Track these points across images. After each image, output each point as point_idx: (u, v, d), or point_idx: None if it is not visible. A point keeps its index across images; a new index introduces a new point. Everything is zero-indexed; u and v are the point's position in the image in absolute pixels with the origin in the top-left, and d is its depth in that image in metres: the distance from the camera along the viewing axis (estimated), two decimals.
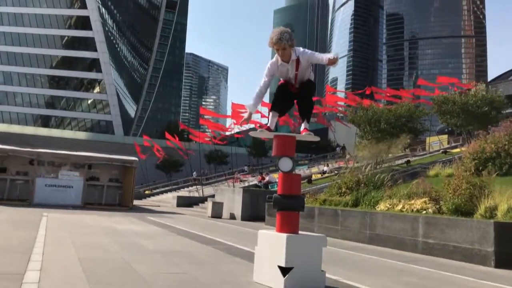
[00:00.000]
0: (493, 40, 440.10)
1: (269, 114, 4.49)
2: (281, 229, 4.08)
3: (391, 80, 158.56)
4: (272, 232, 4.20)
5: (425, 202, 9.04)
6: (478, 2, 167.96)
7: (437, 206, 8.65)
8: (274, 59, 4.25)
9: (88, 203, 19.13)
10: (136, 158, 20.76)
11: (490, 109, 23.11)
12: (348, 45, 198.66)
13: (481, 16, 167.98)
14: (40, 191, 18.02)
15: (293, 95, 4.30)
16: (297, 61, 4.14)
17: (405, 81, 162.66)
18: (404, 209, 9.09)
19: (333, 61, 3.95)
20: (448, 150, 26.15)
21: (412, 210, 8.89)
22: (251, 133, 4.68)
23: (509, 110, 25.81)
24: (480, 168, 11.80)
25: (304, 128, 4.38)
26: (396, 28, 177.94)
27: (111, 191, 20.93)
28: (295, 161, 4.45)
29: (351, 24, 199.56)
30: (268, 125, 4.42)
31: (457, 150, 25.42)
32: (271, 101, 4.40)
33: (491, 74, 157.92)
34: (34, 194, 17.92)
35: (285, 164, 4.23)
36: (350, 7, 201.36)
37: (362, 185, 11.16)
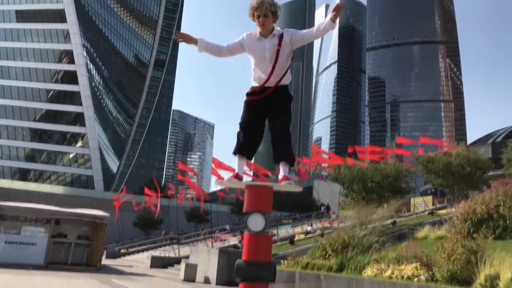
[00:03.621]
0: (470, 107, 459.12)
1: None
2: None
3: (374, 141, 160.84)
4: None
5: (416, 267, 8.19)
6: (455, 69, 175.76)
7: (430, 273, 7.79)
8: (252, 31, 3.51)
9: (53, 263, 17.55)
10: (107, 214, 19.46)
11: (474, 169, 22.83)
12: (332, 107, 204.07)
13: (458, 82, 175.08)
14: None
15: (264, 114, 3.50)
16: (280, 36, 3.39)
17: (387, 142, 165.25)
18: (394, 275, 8.19)
19: (338, 9, 3.21)
20: (434, 211, 25.48)
21: (402, 277, 8.00)
22: (216, 183, 3.82)
23: (491, 172, 25.61)
24: (472, 230, 11.08)
25: (284, 176, 3.46)
26: (378, 91, 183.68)
27: (79, 249, 19.38)
28: (268, 219, 3.56)
29: (334, 87, 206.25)
30: (236, 172, 3.58)
31: (444, 211, 24.78)
32: (236, 140, 3.57)
33: (470, 138, 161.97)
34: None
35: (256, 222, 3.35)
36: (333, 71, 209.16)
37: (349, 247, 10.26)
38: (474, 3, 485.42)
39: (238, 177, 3.46)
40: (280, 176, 3.51)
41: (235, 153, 3.52)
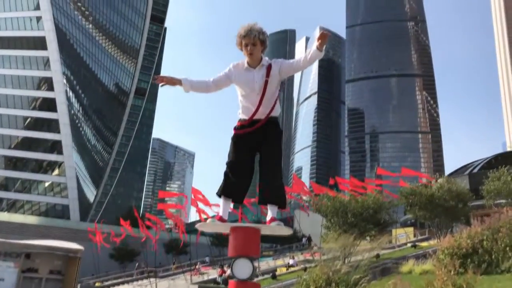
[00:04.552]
0: (446, 139, 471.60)
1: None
2: None
3: (354, 171, 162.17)
4: None
5: None
6: (432, 102, 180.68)
7: None
8: (239, 61, 3.31)
9: None
10: (81, 247, 18.56)
11: (457, 202, 22.91)
12: (312, 137, 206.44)
13: (435, 114, 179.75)
14: None
15: (254, 150, 3.26)
16: (269, 67, 3.20)
17: (367, 172, 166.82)
18: None
19: (323, 37, 3.06)
20: (417, 244, 25.36)
21: None
22: (198, 226, 3.52)
23: (471, 203, 25.78)
24: (457, 265, 10.88)
25: (272, 217, 3.22)
26: (357, 122, 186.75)
27: (51, 285, 18.20)
28: (256, 264, 3.26)
29: (314, 117, 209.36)
30: (220, 214, 3.31)
31: (426, 244, 24.68)
32: (223, 180, 3.30)
33: (447, 169, 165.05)
34: None
35: (242, 268, 3.06)
36: (313, 101, 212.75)
37: (333, 284, 9.91)
38: (448, 39, 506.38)
39: (222, 220, 3.20)
40: (268, 217, 3.29)
41: (219, 194, 3.26)
